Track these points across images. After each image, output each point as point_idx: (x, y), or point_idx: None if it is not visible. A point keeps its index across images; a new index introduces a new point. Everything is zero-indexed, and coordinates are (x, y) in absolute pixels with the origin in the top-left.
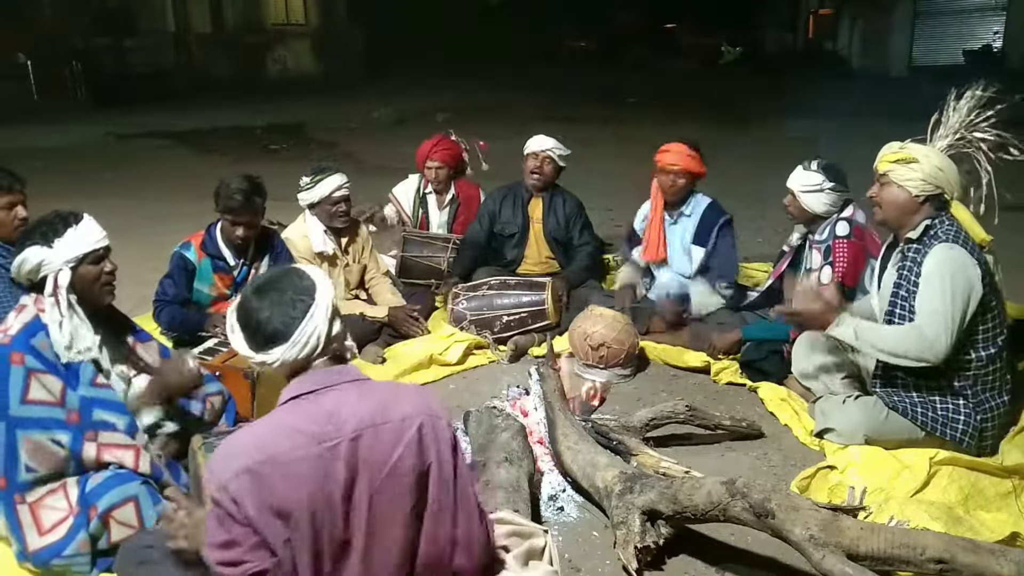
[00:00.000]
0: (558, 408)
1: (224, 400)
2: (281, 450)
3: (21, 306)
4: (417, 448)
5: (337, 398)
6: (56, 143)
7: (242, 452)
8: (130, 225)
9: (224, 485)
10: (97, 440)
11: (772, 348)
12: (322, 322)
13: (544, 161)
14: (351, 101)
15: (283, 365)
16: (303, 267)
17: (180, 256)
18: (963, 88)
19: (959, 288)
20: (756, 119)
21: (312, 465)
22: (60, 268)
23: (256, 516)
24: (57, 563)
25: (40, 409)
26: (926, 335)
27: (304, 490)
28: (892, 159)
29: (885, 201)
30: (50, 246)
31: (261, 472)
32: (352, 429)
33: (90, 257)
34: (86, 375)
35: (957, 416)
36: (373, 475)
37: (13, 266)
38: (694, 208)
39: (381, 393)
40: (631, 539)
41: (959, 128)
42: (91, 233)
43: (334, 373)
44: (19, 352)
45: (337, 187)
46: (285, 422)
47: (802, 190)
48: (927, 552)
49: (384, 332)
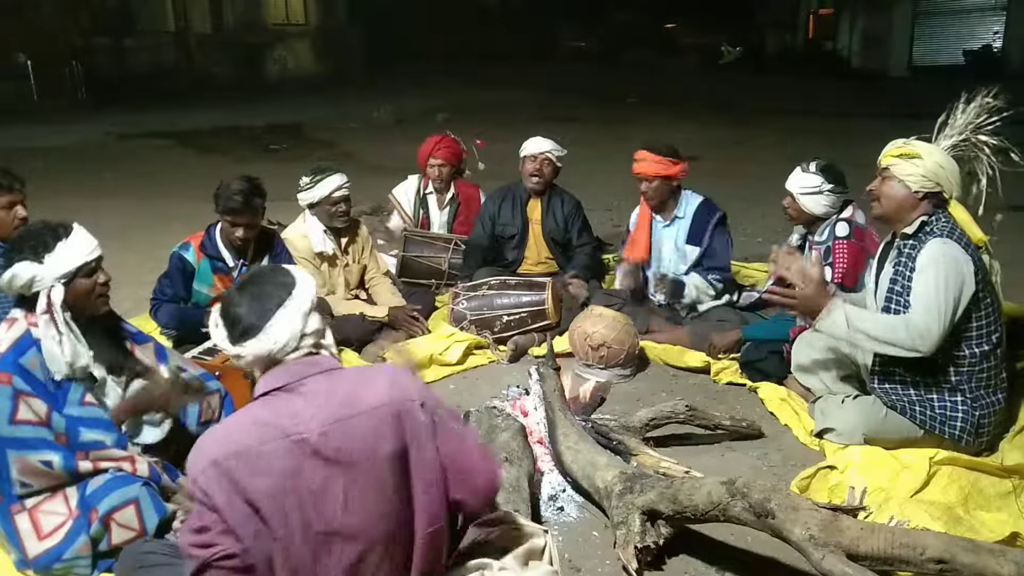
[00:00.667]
0: (558, 408)
1: (222, 399)
2: (250, 444)
3: (11, 319)
4: (391, 434)
5: (308, 391)
6: (56, 143)
7: (212, 446)
8: (130, 225)
9: (195, 478)
10: (90, 458)
11: (772, 348)
12: (297, 318)
13: (543, 163)
14: (351, 101)
15: (257, 360)
16: (288, 267)
17: (179, 257)
18: (972, 92)
19: (952, 281)
20: (755, 119)
21: (280, 459)
22: (52, 284)
23: (224, 507)
24: (58, 567)
25: (28, 429)
26: (917, 324)
27: (272, 483)
28: (895, 153)
29: (884, 195)
30: (40, 262)
31: (228, 465)
32: (321, 422)
33: (83, 271)
34: (75, 395)
35: (955, 413)
36: (346, 466)
37: (3, 280)
38: (686, 209)
39: (352, 381)
40: (631, 539)
41: (964, 130)
42: (83, 245)
43: (306, 365)
44: (7, 372)
45: (337, 187)
46: (255, 416)
47: (801, 192)
48: (927, 552)
49: (384, 332)
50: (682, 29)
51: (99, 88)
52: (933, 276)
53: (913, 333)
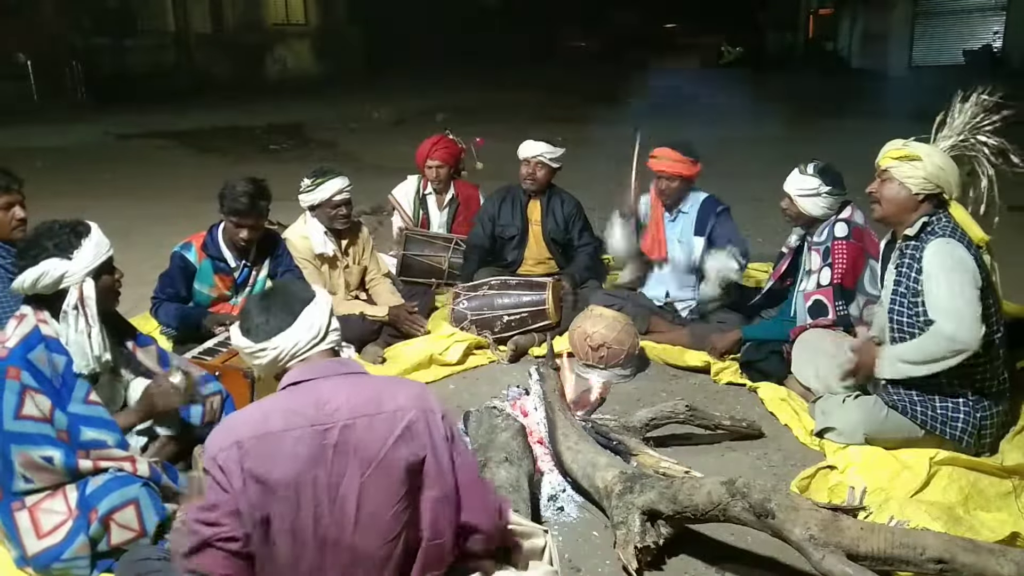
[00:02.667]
0: (558, 408)
1: (223, 400)
2: (274, 429)
3: (20, 315)
4: (410, 440)
5: (333, 386)
6: (56, 143)
7: (236, 427)
8: (130, 225)
9: (214, 456)
10: (90, 457)
11: (772, 348)
12: (324, 313)
13: (536, 166)
14: (351, 101)
15: (285, 353)
16: (303, 282)
17: (180, 257)
18: (969, 90)
19: (963, 277)
20: (755, 119)
21: (303, 445)
22: (83, 279)
23: (240, 488)
24: (57, 566)
25: (32, 425)
26: (945, 332)
27: (291, 467)
28: (895, 155)
29: (885, 198)
30: (69, 258)
31: (251, 447)
32: (345, 416)
33: (107, 266)
34: (80, 392)
35: (956, 414)
36: (363, 464)
37: (25, 280)
38: (692, 205)
39: (376, 385)
40: (631, 539)
41: (963, 130)
42: (103, 241)
43: (334, 363)
44: (16, 367)
45: (338, 191)
46: (281, 405)
47: (799, 194)
48: (927, 552)
49: (384, 332)
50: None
51: (99, 88)
52: (945, 279)
53: (946, 341)
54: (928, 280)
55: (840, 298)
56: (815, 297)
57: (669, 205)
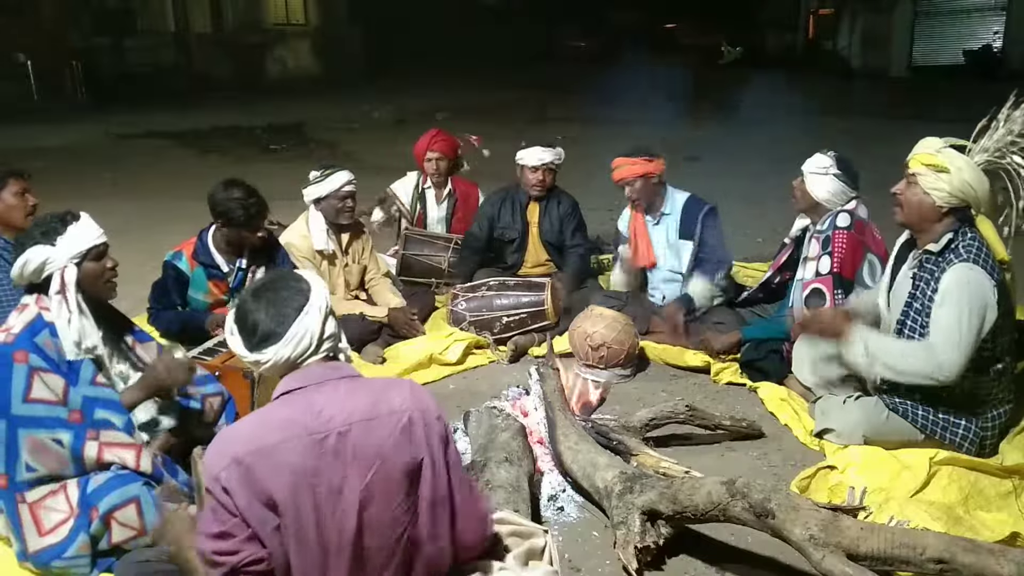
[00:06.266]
0: (558, 408)
1: (223, 400)
2: (270, 441)
3: (23, 306)
4: (408, 443)
5: (328, 393)
6: (56, 143)
7: (232, 443)
8: (130, 225)
9: (216, 476)
10: (99, 439)
11: (772, 348)
12: (316, 322)
13: (545, 173)
14: (351, 101)
15: (276, 365)
16: (299, 271)
17: (172, 267)
18: (1020, 99)
19: (976, 312)
20: (755, 119)
21: (300, 454)
22: (65, 265)
23: (246, 506)
24: (57, 564)
25: (42, 408)
26: (937, 357)
27: (289, 477)
28: (924, 161)
29: (908, 202)
30: (53, 244)
31: (249, 462)
32: (341, 423)
33: (92, 253)
34: (87, 374)
35: (958, 422)
36: (363, 469)
37: (15, 269)
38: (672, 206)
39: (372, 389)
40: (631, 539)
41: (1002, 143)
42: (91, 229)
43: (327, 369)
44: (23, 350)
45: (346, 181)
46: (275, 415)
47: (811, 171)
48: (927, 552)
49: (384, 332)
50: (682, 29)
51: (99, 88)
52: (957, 308)
53: (931, 366)
54: (941, 304)
55: (839, 287)
56: (814, 285)
57: (647, 208)
